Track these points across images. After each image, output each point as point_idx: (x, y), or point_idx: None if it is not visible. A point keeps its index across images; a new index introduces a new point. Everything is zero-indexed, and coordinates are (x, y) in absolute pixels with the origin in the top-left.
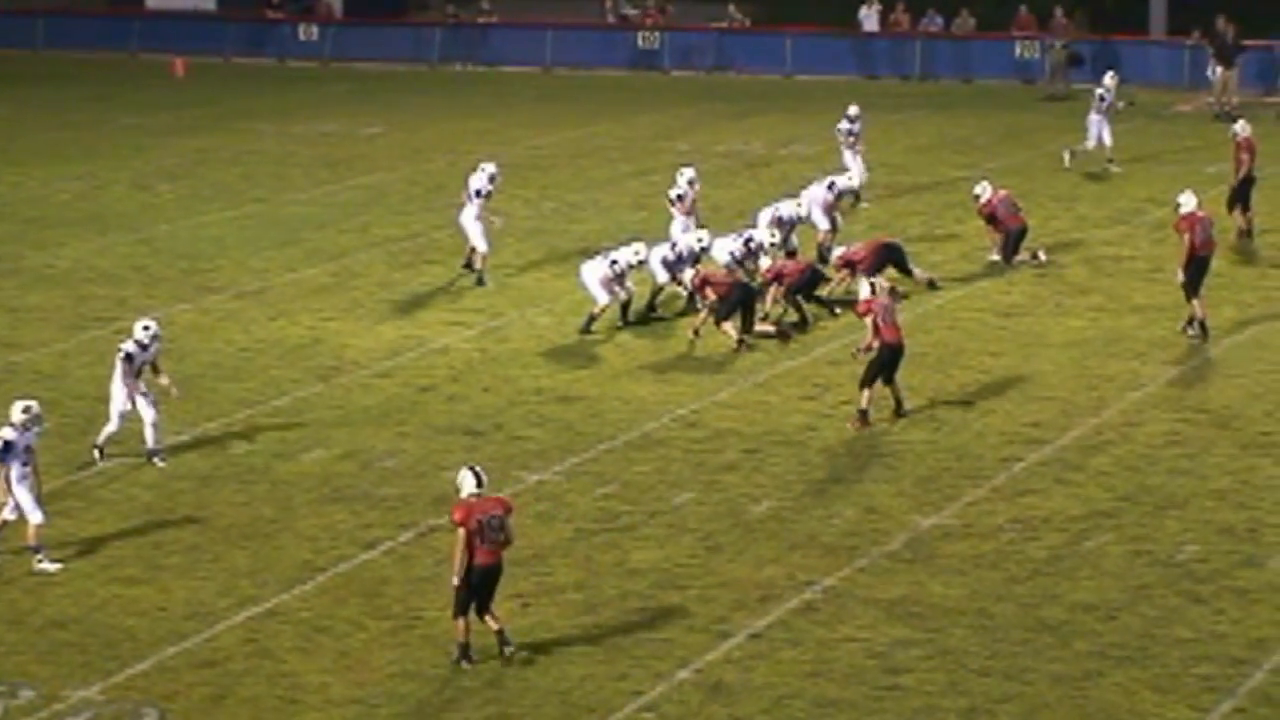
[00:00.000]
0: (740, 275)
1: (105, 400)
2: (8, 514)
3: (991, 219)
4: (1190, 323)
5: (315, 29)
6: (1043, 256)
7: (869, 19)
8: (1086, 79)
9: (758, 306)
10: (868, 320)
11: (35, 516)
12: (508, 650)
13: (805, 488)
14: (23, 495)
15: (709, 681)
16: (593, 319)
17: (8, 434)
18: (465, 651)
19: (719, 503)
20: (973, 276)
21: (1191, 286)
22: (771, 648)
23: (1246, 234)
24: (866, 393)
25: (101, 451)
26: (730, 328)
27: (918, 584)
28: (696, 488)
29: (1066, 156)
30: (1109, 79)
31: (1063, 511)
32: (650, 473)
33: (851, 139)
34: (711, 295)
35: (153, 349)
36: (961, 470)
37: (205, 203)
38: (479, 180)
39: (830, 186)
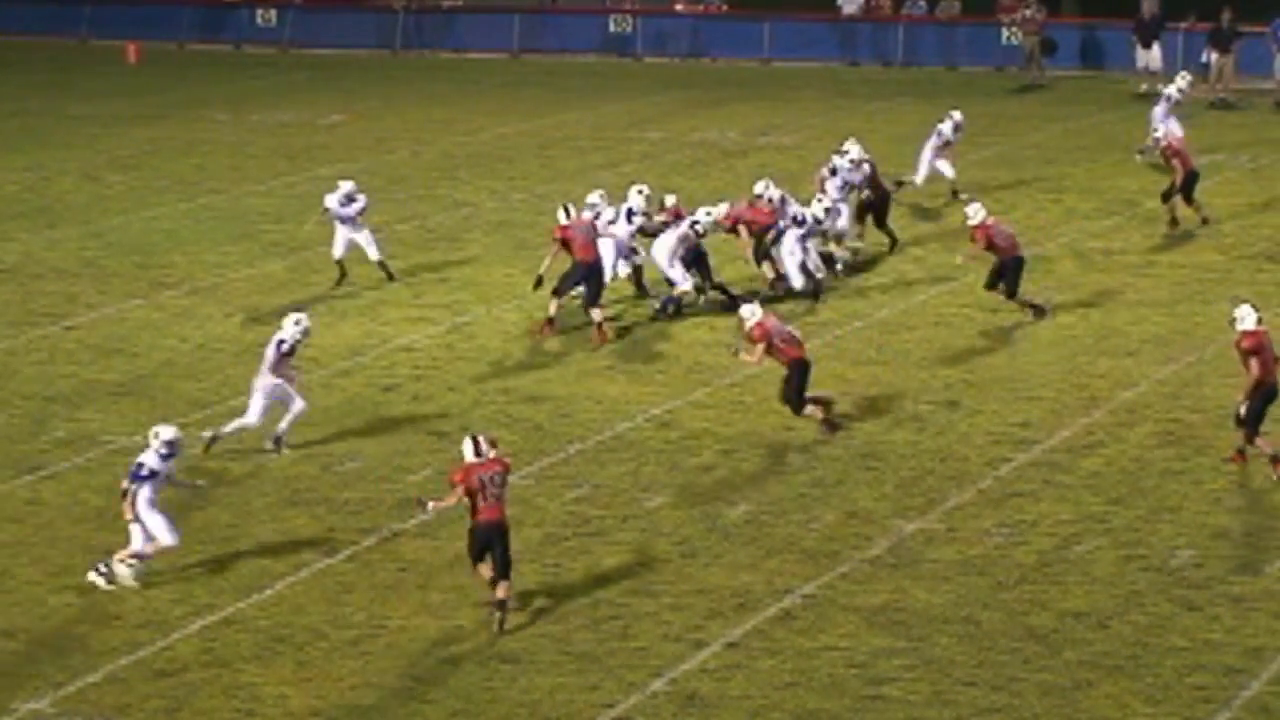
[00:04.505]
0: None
1: (55, 399)
2: (142, 545)
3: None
4: (1033, 308)
5: (273, 13)
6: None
7: (850, 3)
8: (1077, 67)
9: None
10: (760, 346)
11: (167, 539)
12: (495, 628)
13: (783, 491)
14: (155, 519)
15: (683, 692)
16: (673, 302)
17: (150, 460)
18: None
19: (694, 506)
20: (957, 271)
21: (1010, 292)
22: (749, 657)
23: (1204, 221)
24: (810, 409)
25: (214, 440)
26: (767, 268)
27: (901, 591)
28: (670, 491)
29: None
30: (1181, 79)
31: (1052, 515)
32: (622, 475)
33: (941, 143)
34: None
35: (298, 344)
36: (946, 472)
37: (159, 194)
38: (356, 204)
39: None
